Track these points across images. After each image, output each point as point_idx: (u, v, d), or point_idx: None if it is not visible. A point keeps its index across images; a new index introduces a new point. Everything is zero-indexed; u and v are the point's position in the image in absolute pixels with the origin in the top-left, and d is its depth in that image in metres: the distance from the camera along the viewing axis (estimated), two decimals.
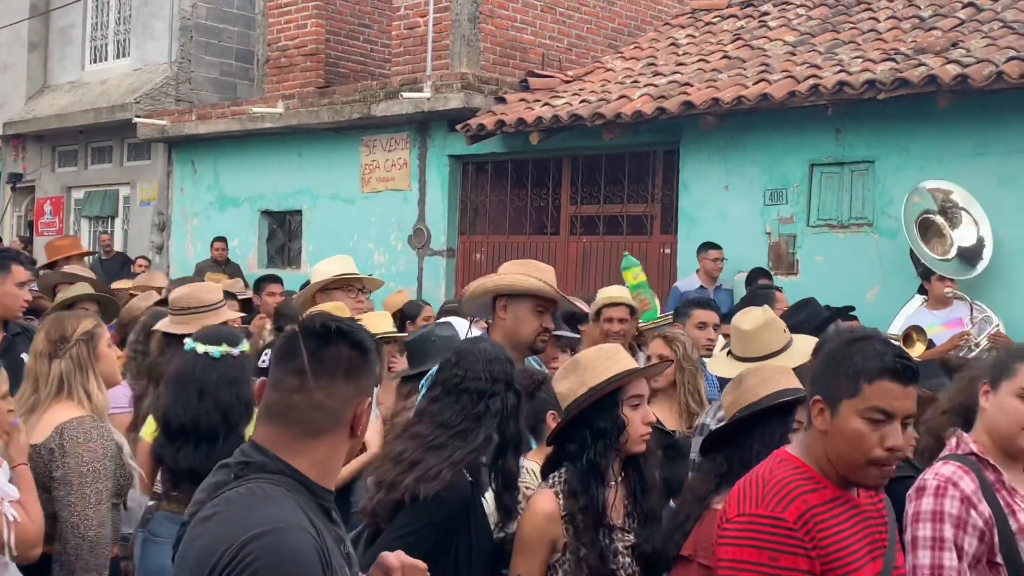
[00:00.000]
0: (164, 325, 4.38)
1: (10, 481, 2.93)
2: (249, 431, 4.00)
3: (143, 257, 12.40)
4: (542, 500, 2.90)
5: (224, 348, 3.65)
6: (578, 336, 5.23)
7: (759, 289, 6.65)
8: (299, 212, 12.08)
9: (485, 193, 10.67)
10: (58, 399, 3.38)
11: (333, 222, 11.56)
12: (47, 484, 3.22)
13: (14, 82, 15.61)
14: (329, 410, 1.87)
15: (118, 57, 14.68)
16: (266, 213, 12.48)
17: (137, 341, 4.73)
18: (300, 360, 1.86)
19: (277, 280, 7.90)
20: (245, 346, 3.79)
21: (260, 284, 7.81)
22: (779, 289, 6.70)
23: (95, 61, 15.00)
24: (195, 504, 1.86)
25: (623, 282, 6.78)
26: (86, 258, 9.30)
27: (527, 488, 3.16)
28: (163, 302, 5.15)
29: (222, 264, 11.51)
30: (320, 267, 5.02)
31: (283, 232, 12.50)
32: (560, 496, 2.89)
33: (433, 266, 10.76)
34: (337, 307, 4.31)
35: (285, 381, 1.88)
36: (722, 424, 3.10)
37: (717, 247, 8.40)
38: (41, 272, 7.45)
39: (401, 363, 4.66)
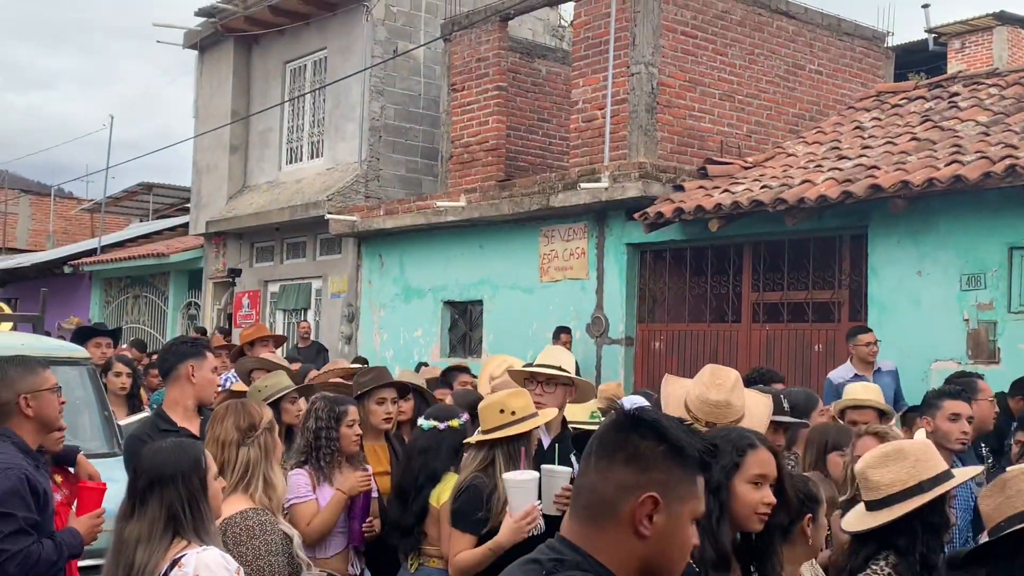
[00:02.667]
0: None
1: None
2: (433, 496, 4.33)
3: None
4: None
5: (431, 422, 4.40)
6: (805, 423, 5.05)
7: (959, 377, 6.28)
8: (480, 302, 12.31)
9: (664, 281, 10.61)
10: (235, 490, 3.40)
11: (513, 311, 11.72)
12: None
13: (217, 183, 16.68)
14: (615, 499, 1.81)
15: (312, 158, 15.50)
16: (448, 303, 12.78)
17: (326, 428, 4.82)
18: (624, 453, 1.81)
19: (466, 370, 7.98)
20: (454, 422, 4.45)
21: (449, 373, 7.89)
22: (981, 377, 6.32)
23: (291, 162, 15.88)
24: None
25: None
26: (280, 346, 9.72)
27: None
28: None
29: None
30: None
31: (464, 322, 12.75)
32: None
33: (611, 355, 10.72)
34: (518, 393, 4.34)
35: (610, 473, 1.82)
36: (989, 538, 2.81)
37: (867, 330, 8.03)
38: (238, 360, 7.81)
39: None
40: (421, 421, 4.66)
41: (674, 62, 11.02)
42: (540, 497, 3.98)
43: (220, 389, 5.67)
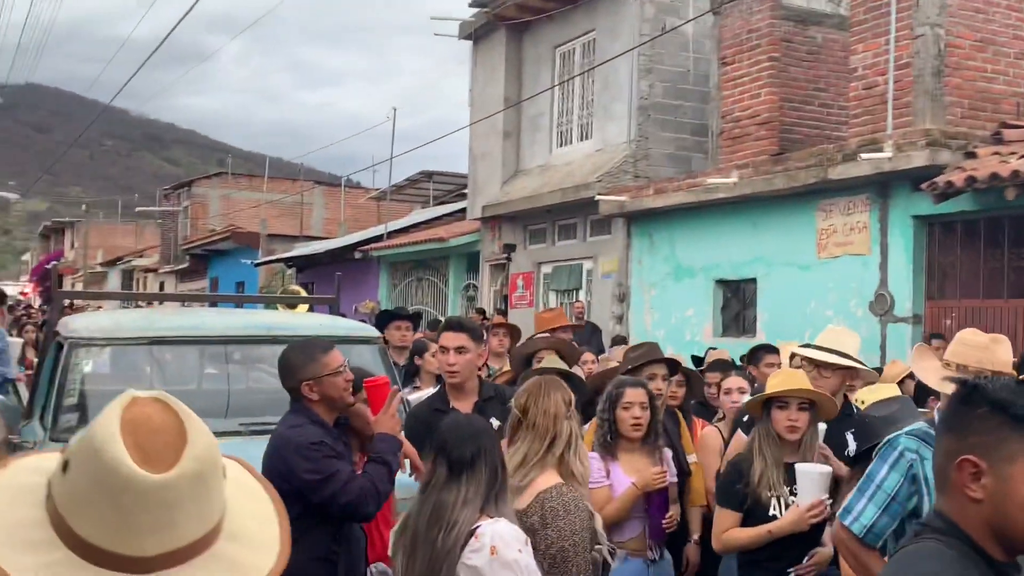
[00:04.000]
0: None
1: None
2: None
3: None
4: None
5: None
6: None
7: None
8: (753, 280, 12.04)
9: (955, 255, 9.95)
10: (553, 462, 3.47)
11: (788, 289, 11.38)
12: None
13: (491, 168, 17.23)
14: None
15: (581, 140, 15.68)
16: (721, 282, 12.58)
17: (604, 411, 4.84)
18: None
19: (773, 350, 7.24)
20: None
21: (756, 354, 7.04)
22: None
23: (561, 145, 16.14)
24: None
25: None
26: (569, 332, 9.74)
27: None
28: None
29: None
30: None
31: (737, 300, 12.51)
32: None
33: (897, 333, 10.18)
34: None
35: (939, 443, 1.95)
36: None
37: None
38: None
39: None
40: None
41: (963, 21, 10.27)
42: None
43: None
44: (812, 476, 4.01)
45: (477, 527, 2.93)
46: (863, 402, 4.61)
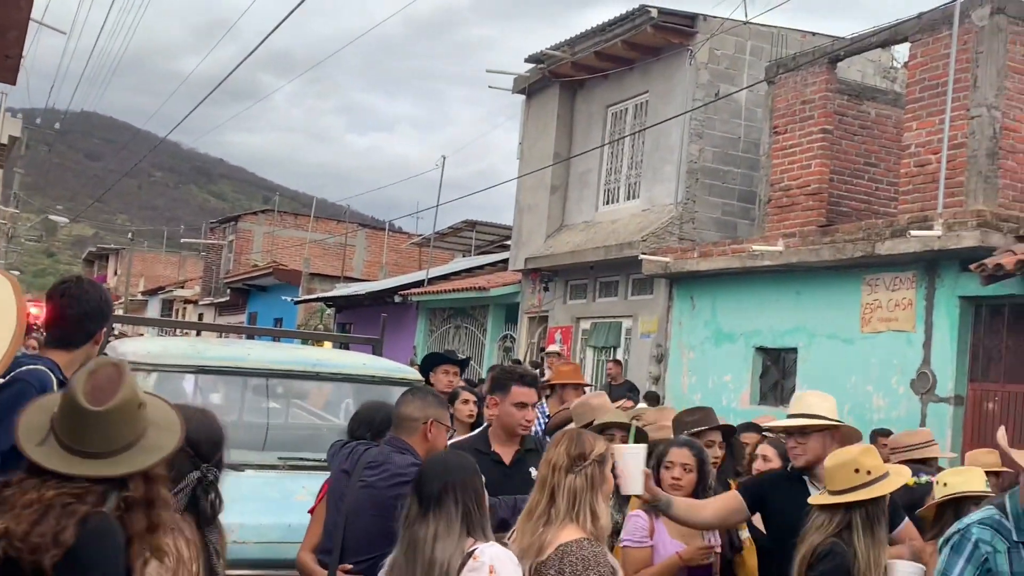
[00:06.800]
0: None
1: None
2: None
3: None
4: None
5: None
6: None
7: None
8: (794, 350, 11.97)
9: (1001, 338, 9.85)
10: (568, 516, 3.44)
11: (830, 362, 11.30)
12: None
13: (537, 221, 17.33)
14: None
15: (628, 199, 15.76)
16: (761, 350, 12.52)
17: (651, 468, 4.80)
18: None
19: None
20: None
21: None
22: None
23: (608, 203, 16.22)
24: None
25: None
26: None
27: None
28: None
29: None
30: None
31: (777, 369, 12.43)
32: None
33: (938, 413, 10.06)
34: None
35: None
36: None
37: None
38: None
39: None
40: None
41: (1019, 104, 10.28)
42: None
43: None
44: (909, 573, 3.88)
45: (474, 549, 3.07)
46: (946, 484, 4.48)
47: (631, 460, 4.12)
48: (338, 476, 4.09)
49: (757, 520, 4.64)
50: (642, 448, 4.23)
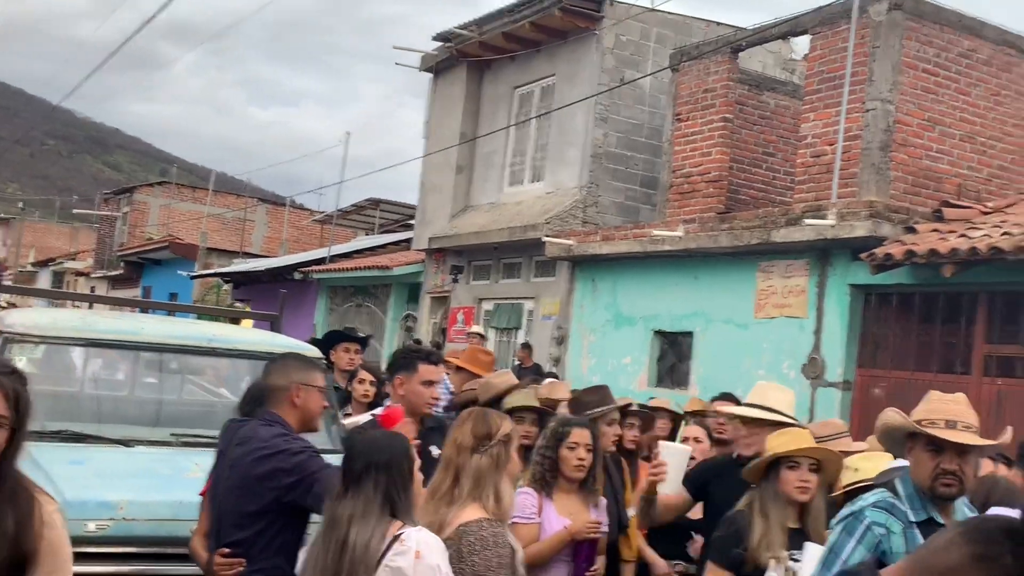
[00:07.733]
0: None
1: None
2: None
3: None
4: None
5: None
6: None
7: None
8: (691, 334, 12.19)
9: (889, 326, 10.19)
10: (472, 496, 3.43)
11: (724, 346, 11.54)
12: None
13: (441, 201, 17.27)
14: None
15: (533, 181, 15.81)
16: (659, 333, 12.72)
17: (546, 447, 4.66)
18: None
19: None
20: None
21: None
22: None
23: (512, 184, 16.25)
24: None
25: None
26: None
27: None
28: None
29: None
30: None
31: (674, 352, 12.65)
32: None
33: (827, 398, 10.37)
34: None
35: None
36: None
37: None
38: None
39: None
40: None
41: (913, 100, 10.61)
42: None
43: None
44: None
45: (401, 533, 2.95)
46: (856, 469, 4.57)
47: (676, 459, 4.14)
48: (217, 457, 3.99)
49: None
50: (688, 449, 4.32)
